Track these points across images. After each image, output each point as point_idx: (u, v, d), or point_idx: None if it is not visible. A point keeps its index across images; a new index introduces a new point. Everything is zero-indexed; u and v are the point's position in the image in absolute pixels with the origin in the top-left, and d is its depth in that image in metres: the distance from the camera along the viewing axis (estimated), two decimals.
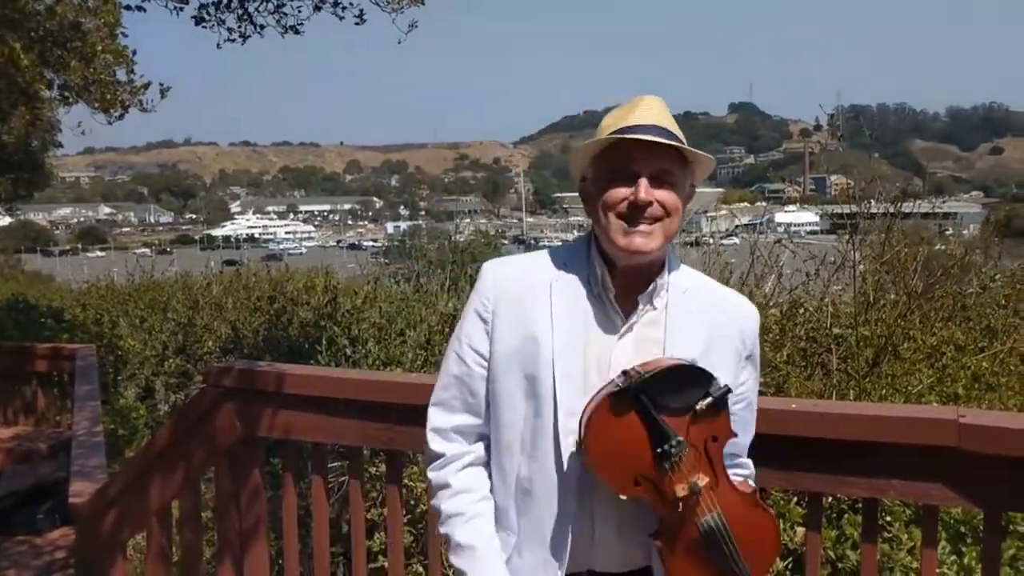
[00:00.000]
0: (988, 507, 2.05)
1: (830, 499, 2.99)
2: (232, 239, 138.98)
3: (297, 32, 5.74)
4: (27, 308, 11.76)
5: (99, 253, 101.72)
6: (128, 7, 6.39)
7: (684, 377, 1.60)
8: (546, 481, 1.68)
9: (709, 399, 1.58)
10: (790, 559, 2.96)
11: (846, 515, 3.01)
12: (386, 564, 2.90)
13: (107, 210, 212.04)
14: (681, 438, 1.57)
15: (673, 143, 1.66)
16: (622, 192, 1.65)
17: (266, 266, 12.19)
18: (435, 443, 1.81)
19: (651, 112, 1.70)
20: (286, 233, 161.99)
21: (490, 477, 1.79)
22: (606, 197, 1.66)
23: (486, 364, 1.76)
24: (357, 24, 5.75)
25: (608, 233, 1.67)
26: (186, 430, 3.16)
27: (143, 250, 77.21)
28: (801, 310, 4.61)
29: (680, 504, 1.57)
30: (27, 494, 5.59)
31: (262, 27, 5.71)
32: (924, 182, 6.49)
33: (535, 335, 1.70)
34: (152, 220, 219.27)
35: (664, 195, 1.66)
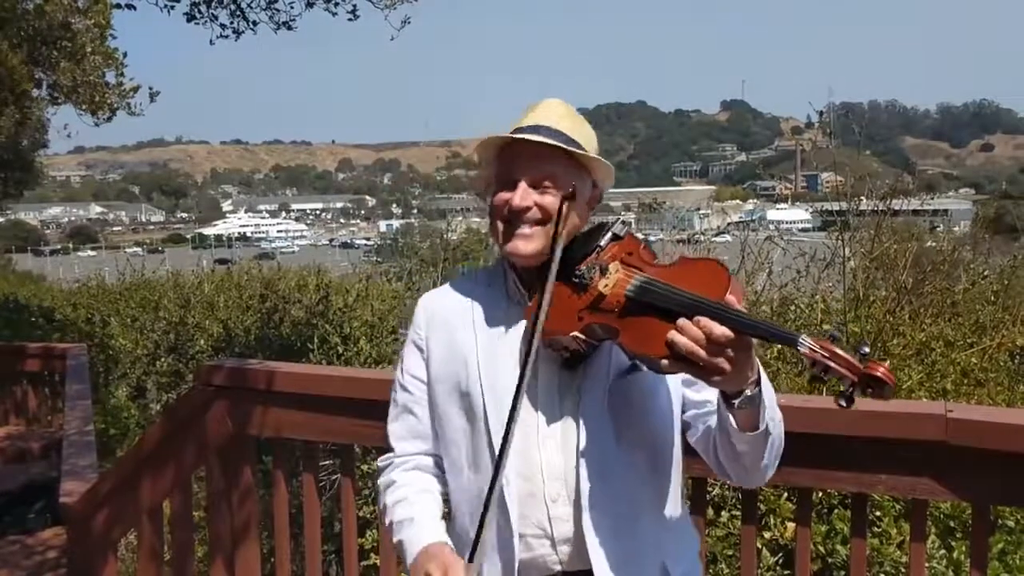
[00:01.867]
0: (976, 501, 2.07)
1: (820, 494, 3.01)
2: (224, 238, 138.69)
3: (290, 28, 5.74)
4: (18, 308, 11.73)
5: (90, 252, 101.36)
6: (118, 5, 6.38)
7: (587, 233, 1.72)
8: (484, 494, 1.65)
9: (609, 233, 1.69)
10: (780, 554, 2.97)
11: (836, 510, 3.03)
12: (378, 561, 2.90)
13: (98, 209, 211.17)
14: (589, 263, 1.65)
15: (551, 141, 1.65)
16: (503, 197, 1.67)
17: (258, 265, 12.19)
18: (382, 458, 1.92)
19: (548, 114, 1.71)
20: (278, 232, 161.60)
21: (446, 496, 1.83)
22: (493, 202, 1.70)
23: (423, 392, 1.82)
24: (350, 20, 5.75)
25: (498, 239, 1.70)
26: (177, 429, 3.16)
27: (134, 249, 77.09)
28: (792, 306, 4.62)
29: (613, 298, 1.57)
30: (19, 494, 5.58)
31: (255, 23, 5.70)
32: (914, 179, 6.51)
33: (463, 354, 1.74)
34: (143, 219, 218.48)
35: (543, 199, 1.66)
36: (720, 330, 1.39)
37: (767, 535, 3.00)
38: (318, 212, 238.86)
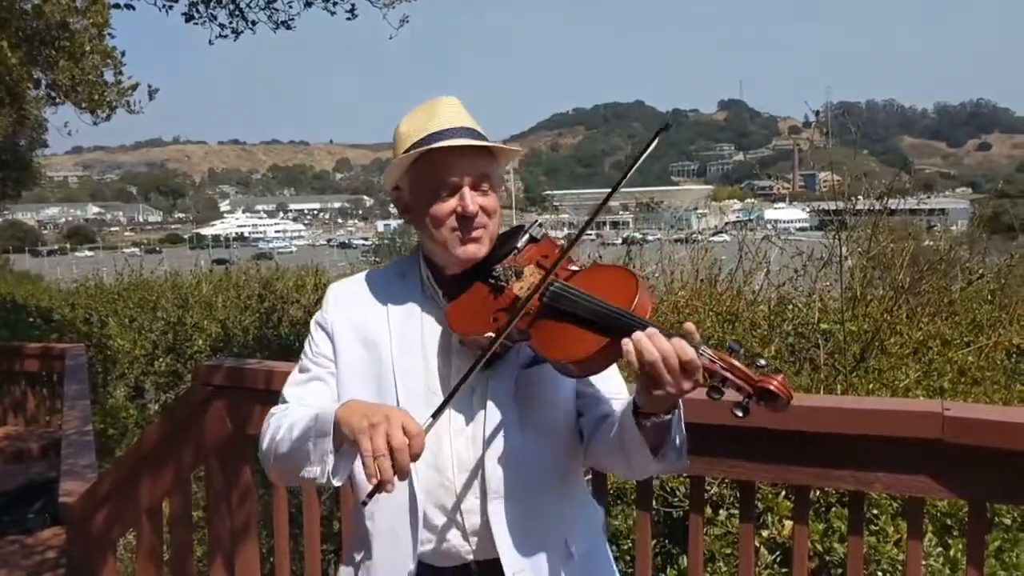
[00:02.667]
0: (973, 499, 2.07)
1: (817, 493, 3.01)
2: (222, 238, 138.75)
3: (288, 28, 5.75)
4: (16, 308, 11.73)
5: (88, 252, 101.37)
6: (117, 5, 6.39)
7: (505, 234, 1.78)
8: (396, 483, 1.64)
9: (527, 236, 1.75)
10: (778, 552, 2.98)
11: (833, 508, 3.03)
12: None
13: (95, 209, 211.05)
14: (506, 265, 1.70)
15: (483, 143, 1.68)
16: (449, 205, 1.67)
17: (256, 265, 12.18)
18: (273, 408, 1.80)
19: (452, 114, 1.72)
20: (276, 232, 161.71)
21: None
22: (434, 212, 1.68)
23: (332, 368, 1.79)
24: (348, 20, 5.76)
25: (445, 246, 1.69)
26: (176, 429, 3.16)
27: (132, 249, 76.92)
28: (789, 306, 4.63)
29: (527, 302, 1.60)
30: (18, 494, 5.58)
31: (254, 23, 5.71)
32: (912, 178, 6.52)
33: (375, 340, 1.74)
34: (141, 219, 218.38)
35: (486, 200, 1.69)
36: (689, 355, 1.41)
37: (765, 533, 3.00)
38: (316, 212, 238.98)
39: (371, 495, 1.45)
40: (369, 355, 1.75)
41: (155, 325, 9.04)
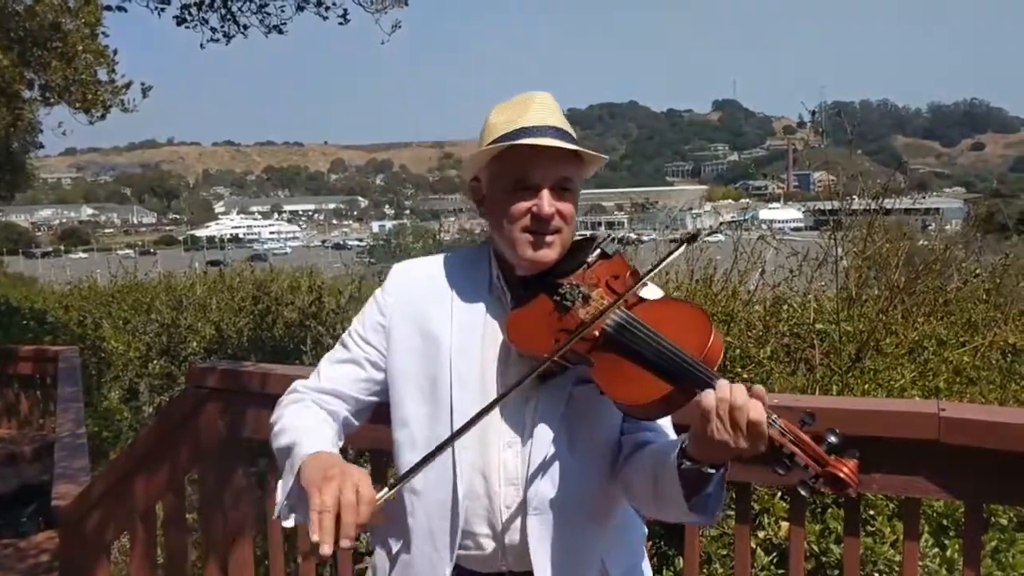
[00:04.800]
0: (969, 500, 2.07)
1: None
2: (216, 239, 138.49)
3: (280, 32, 5.74)
4: (9, 310, 11.68)
5: (82, 254, 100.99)
6: (109, 7, 6.37)
7: (577, 244, 1.72)
8: (440, 483, 1.65)
9: (597, 250, 1.69)
10: (774, 554, 2.97)
11: (829, 509, 3.03)
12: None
13: (89, 211, 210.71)
14: (574, 282, 1.64)
15: (573, 147, 1.63)
16: (525, 204, 1.62)
17: (250, 266, 12.14)
18: (300, 383, 1.82)
19: (545, 111, 1.67)
20: (271, 233, 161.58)
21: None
22: (511, 210, 1.64)
23: (372, 355, 1.77)
24: (341, 24, 5.75)
25: (513, 246, 1.65)
26: (170, 431, 3.15)
27: (126, 251, 76.83)
28: (784, 306, 4.62)
29: (593, 328, 1.55)
30: (11, 497, 5.56)
31: (245, 27, 5.70)
32: (906, 178, 6.52)
33: (435, 334, 1.70)
34: (135, 221, 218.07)
35: (564, 206, 1.64)
36: (758, 416, 1.37)
37: (761, 535, 3.00)
38: (310, 213, 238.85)
39: (313, 551, 1.43)
40: (426, 347, 1.71)
41: (149, 327, 9.00)
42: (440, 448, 1.52)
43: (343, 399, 1.78)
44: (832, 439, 1.37)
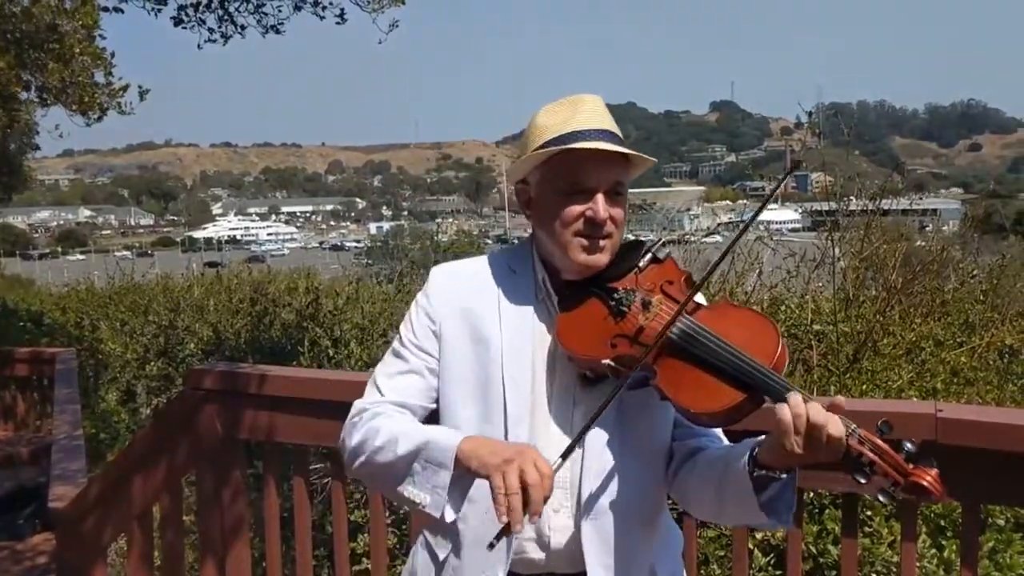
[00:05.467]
0: (967, 500, 2.07)
1: (811, 494, 3.01)
2: (214, 241, 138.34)
3: (278, 32, 5.72)
4: (6, 312, 11.67)
5: (79, 256, 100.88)
6: (106, 9, 6.35)
7: (621, 251, 1.69)
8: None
9: (648, 254, 1.67)
10: (772, 555, 2.97)
11: (827, 510, 3.03)
12: (370, 566, 2.89)
13: (87, 213, 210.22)
14: (628, 287, 1.62)
15: (626, 151, 1.62)
16: (579, 208, 1.61)
17: (248, 268, 12.14)
18: (363, 401, 1.75)
19: (597, 115, 1.66)
20: (268, 234, 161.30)
21: None
22: (564, 213, 1.62)
23: (430, 363, 1.73)
24: (338, 24, 5.74)
25: (565, 250, 1.63)
26: (167, 432, 3.15)
27: (124, 253, 76.71)
28: (782, 307, 4.63)
29: (660, 334, 1.53)
30: (8, 499, 5.55)
31: (243, 27, 5.69)
32: (903, 179, 6.53)
33: (485, 337, 1.68)
34: (133, 222, 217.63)
35: (617, 211, 1.63)
36: (838, 432, 1.37)
37: (758, 536, 3.00)
38: (308, 214, 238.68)
39: (499, 536, 1.41)
40: (477, 354, 1.69)
41: (146, 329, 9.00)
42: (568, 452, 1.50)
43: (411, 410, 1.73)
44: (909, 447, 1.38)
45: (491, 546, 1.43)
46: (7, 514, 5.39)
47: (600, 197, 1.61)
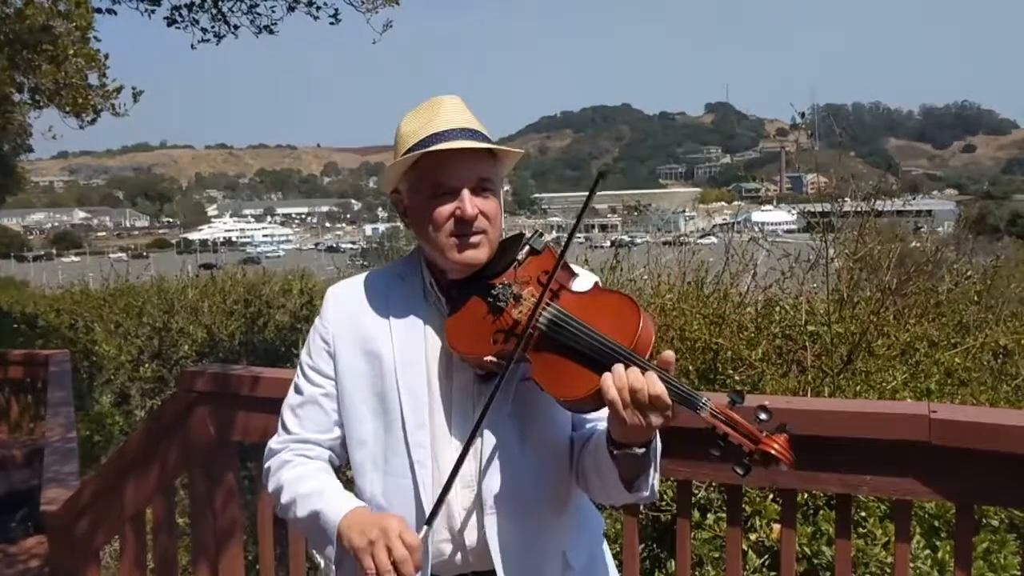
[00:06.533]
0: (960, 501, 2.07)
1: (805, 496, 3.01)
2: (209, 242, 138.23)
3: (271, 32, 5.73)
4: (0, 314, 11.64)
5: (74, 258, 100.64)
6: (99, 10, 6.35)
7: (505, 242, 1.72)
8: (401, 494, 1.67)
9: (526, 247, 1.69)
10: (766, 556, 2.97)
11: (821, 511, 3.03)
12: None
13: (82, 214, 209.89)
14: (505, 282, 1.64)
15: (485, 145, 1.64)
16: (447, 209, 1.63)
17: (242, 269, 12.13)
18: (274, 441, 1.83)
19: (454, 114, 1.67)
20: (263, 236, 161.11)
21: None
22: (433, 216, 1.64)
23: (327, 387, 1.77)
24: (332, 24, 5.74)
25: (442, 251, 1.65)
26: (160, 434, 3.14)
27: (119, 254, 76.59)
28: (776, 308, 4.63)
29: (525, 326, 1.55)
30: (0, 502, 5.53)
31: (236, 27, 5.69)
32: (898, 180, 6.54)
33: (377, 351, 1.71)
34: (128, 224, 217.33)
35: (486, 204, 1.65)
36: (658, 389, 1.40)
37: (752, 537, 3.00)
38: (303, 216, 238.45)
39: None
40: (371, 367, 1.72)
41: (141, 331, 8.99)
42: (450, 478, 1.54)
43: (318, 444, 1.78)
44: (763, 416, 1.40)
45: None
46: (0, 517, 5.37)
47: (466, 194, 1.63)
